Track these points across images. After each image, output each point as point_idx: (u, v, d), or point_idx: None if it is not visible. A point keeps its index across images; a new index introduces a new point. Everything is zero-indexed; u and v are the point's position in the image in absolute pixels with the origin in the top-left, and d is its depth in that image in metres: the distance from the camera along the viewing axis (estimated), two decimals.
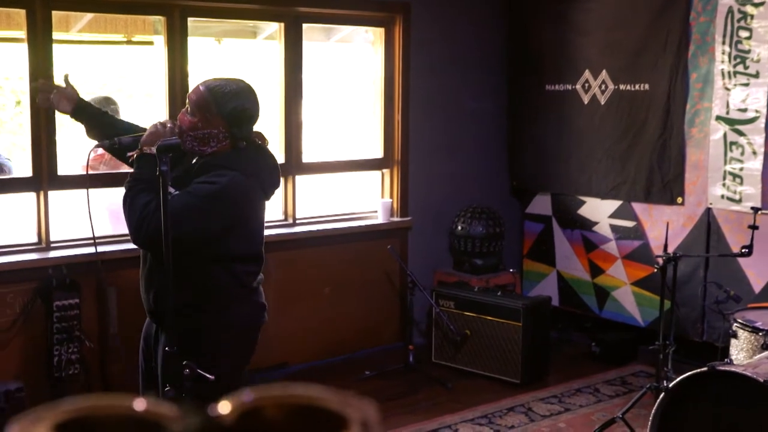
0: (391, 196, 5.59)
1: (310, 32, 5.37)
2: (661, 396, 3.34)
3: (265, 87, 5.22)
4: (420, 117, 5.60)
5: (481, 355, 5.07)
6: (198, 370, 2.63)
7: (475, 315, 5.09)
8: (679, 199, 5.09)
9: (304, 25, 5.12)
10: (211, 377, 2.63)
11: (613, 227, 5.51)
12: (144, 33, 5.85)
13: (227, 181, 2.76)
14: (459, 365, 5.16)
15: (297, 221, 5.19)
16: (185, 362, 2.64)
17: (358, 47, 6.08)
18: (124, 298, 4.36)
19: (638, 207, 5.36)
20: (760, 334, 3.61)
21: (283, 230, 5.09)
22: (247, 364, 3.07)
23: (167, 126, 2.82)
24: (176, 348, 2.68)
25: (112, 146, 2.88)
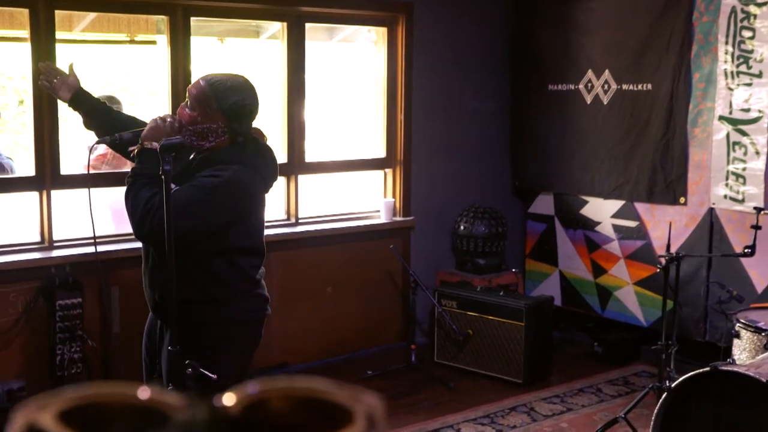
0: (394, 196, 5.59)
1: (312, 32, 5.38)
2: (664, 396, 3.33)
3: (268, 86, 5.22)
4: (423, 117, 5.60)
5: (484, 354, 5.07)
6: (200, 369, 2.64)
7: (477, 315, 5.09)
8: (682, 199, 5.09)
9: (307, 25, 5.12)
10: (214, 376, 2.64)
11: (616, 227, 5.50)
12: (147, 32, 5.85)
13: (230, 174, 2.77)
14: (461, 365, 5.16)
15: (299, 221, 5.20)
16: (188, 361, 2.65)
17: (360, 47, 6.08)
18: (127, 297, 4.37)
19: (641, 207, 5.35)
20: (763, 334, 3.60)
21: (285, 230, 5.09)
22: (251, 358, 3.07)
23: (167, 120, 2.82)
24: (179, 347, 2.69)
25: (114, 142, 2.88)
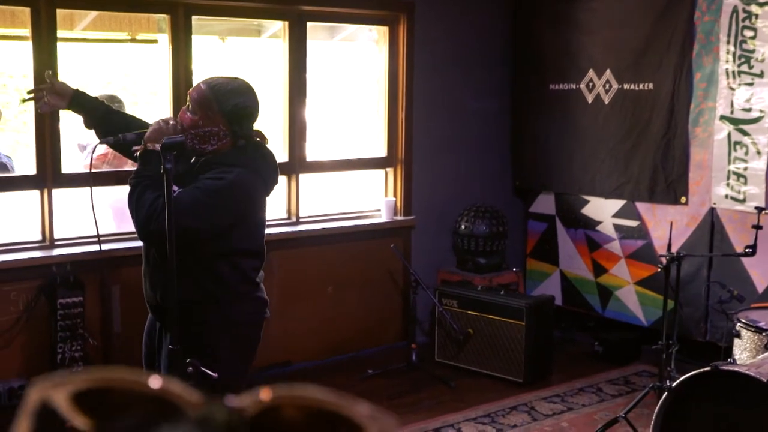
0: (395, 195, 5.59)
1: (314, 31, 5.38)
2: (664, 396, 3.33)
3: (269, 85, 5.23)
4: (423, 116, 5.60)
5: (484, 354, 5.07)
6: (202, 368, 2.64)
7: (478, 314, 5.09)
8: (683, 199, 5.09)
9: (308, 24, 5.12)
10: (215, 375, 2.65)
11: (617, 227, 5.50)
12: (148, 31, 5.85)
13: (233, 177, 2.79)
14: (462, 364, 5.16)
15: (300, 220, 5.20)
16: (189, 360, 2.65)
17: (361, 46, 6.08)
18: (128, 296, 4.37)
19: (642, 206, 5.35)
20: (764, 333, 3.60)
21: (286, 229, 5.09)
22: (252, 360, 3.08)
23: (170, 123, 2.83)
24: (179, 346, 2.69)
25: (117, 143, 2.88)
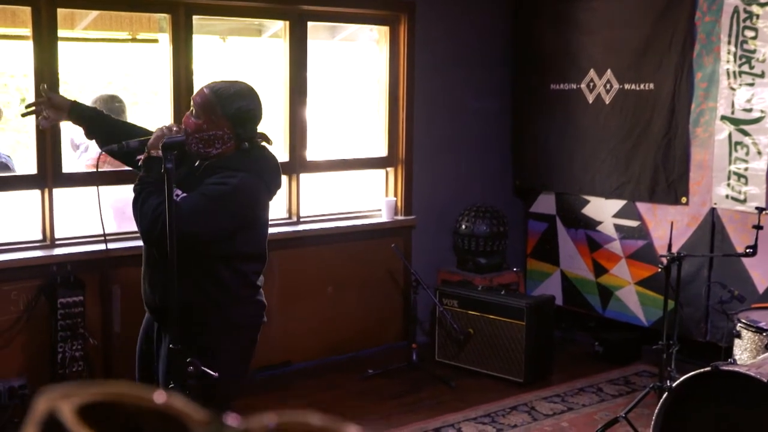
0: (395, 195, 5.59)
1: (314, 30, 5.37)
2: (665, 396, 3.33)
3: (270, 85, 5.23)
4: (424, 116, 5.60)
5: (485, 354, 5.07)
6: (202, 367, 2.65)
7: (478, 314, 5.09)
8: (684, 199, 5.09)
9: (309, 24, 5.12)
10: (215, 374, 2.65)
11: (617, 227, 5.50)
12: (149, 31, 5.85)
13: (237, 182, 2.80)
14: (462, 364, 5.16)
15: (301, 219, 5.20)
16: (189, 359, 2.66)
17: (362, 46, 6.08)
18: (128, 296, 4.37)
19: (642, 207, 5.35)
20: (764, 334, 3.60)
21: (287, 228, 5.09)
22: (250, 361, 3.08)
23: (173, 129, 2.86)
24: (180, 345, 2.69)
25: (121, 150, 2.90)
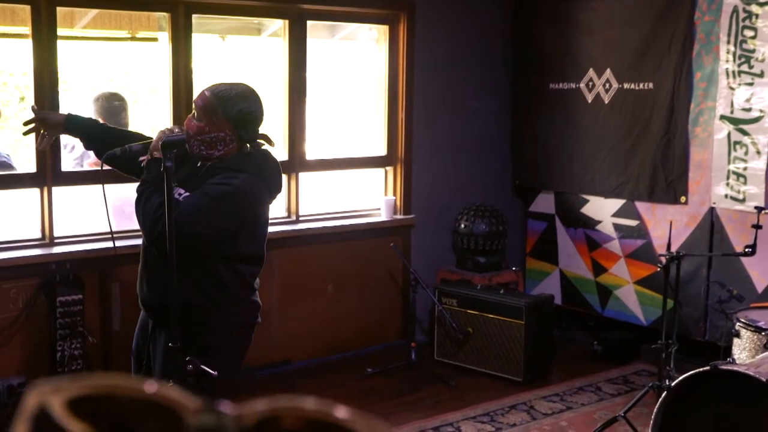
0: (395, 194, 5.59)
1: (314, 29, 5.37)
2: (663, 395, 3.34)
3: (269, 84, 5.22)
4: (423, 115, 5.60)
5: (484, 353, 5.07)
6: (201, 366, 2.65)
7: (477, 313, 5.09)
8: (683, 199, 5.09)
9: (309, 23, 5.13)
10: (214, 373, 2.66)
11: (616, 226, 5.51)
12: (148, 30, 5.84)
13: (240, 182, 2.82)
14: (461, 363, 5.16)
15: (300, 218, 5.20)
16: (188, 358, 2.66)
17: (362, 45, 6.07)
18: (127, 294, 4.37)
19: (641, 206, 5.35)
20: (763, 333, 3.61)
21: (286, 227, 5.09)
22: (242, 362, 3.10)
23: (175, 131, 2.87)
24: (178, 344, 2.70)
25: (124, 153, 2.92)
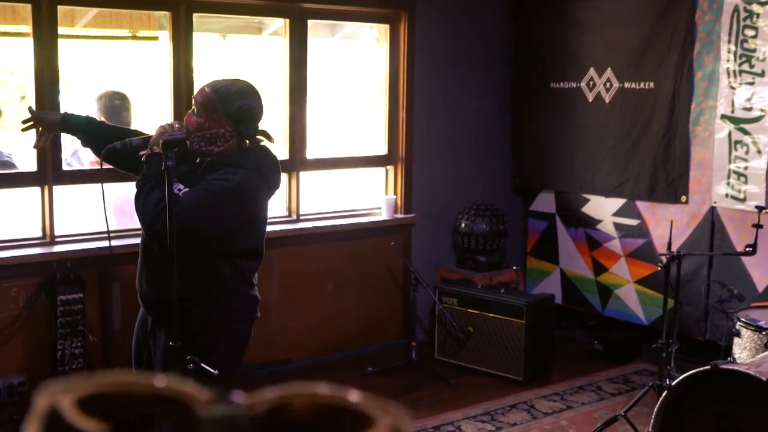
0: (395, 193, 5.59)
1: (314, 29, 5.37)
2: (664, 394, 3.34)
3: (270, 83, 5.22)
4: (424, 114, 5.60)
5: (484, 352, 5.07)
6: (202, 364, 2.65)
7: (478, 312, 5.09)
8: (683, 198, 5.09)
9: (309, 22, 5.13)
10: (215, 372, 2.66)
11: (617, 225, 5.50)
12: (149, 28, 5.85)
13: (240, 178, 2.82)
14: (462, 362, 5.16)
15: (301, 217, 5.20)
16: (189, 357, 2.66)
17: (362, 44, 6.07)
18: (128, 293, 4.36)
19: (642, 205, 5.35)
20: (764, 332, 3.61)
21: (286, 226, 5.09)
22: (243, 357, 3.10)
23: (175, 127, 2.88)
24: (179, 342, 2.70)
25: (124, 147, 2.92)
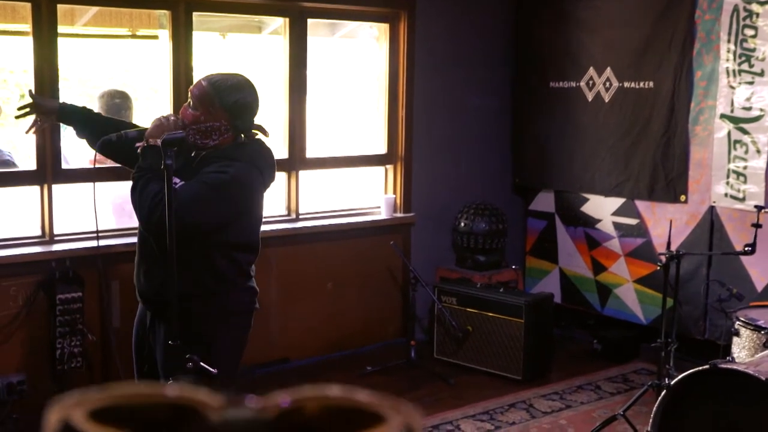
0: (395, 192, 5.59)
1: (314, 27, 5.37)
2: (663, 393, 3.34)
3: (270, 82, 5.22)
4: (424, 113, 5.60)
5: (483, 351, 5.08)
6: (201, 363, 2.65)
7: (477, 311, 5.09)
8: (683, 197, 5.09)
9: (309, 21, 5.13)
10: (214, 371, 2.66)
11: (616, 225, 5.51)
12: (149, 27, 5.84)
13: (235, 171, 2.82)
14: (461, 361, 5.16)
15: (300, 216, 5.20)
16: (188, 356, 2.66)
17: (362, 43, 6.07)
18: (127, 292, 4.36)
19: (641, 205, 5.35)
20: (762, 332, 3.61)
21: (286, 225, 5.09)
22: (244, 347, 3.10)
23: (171, 119, 2.87)
24: (179, 341, 2.70)
25: (119, 139, 2.92)
